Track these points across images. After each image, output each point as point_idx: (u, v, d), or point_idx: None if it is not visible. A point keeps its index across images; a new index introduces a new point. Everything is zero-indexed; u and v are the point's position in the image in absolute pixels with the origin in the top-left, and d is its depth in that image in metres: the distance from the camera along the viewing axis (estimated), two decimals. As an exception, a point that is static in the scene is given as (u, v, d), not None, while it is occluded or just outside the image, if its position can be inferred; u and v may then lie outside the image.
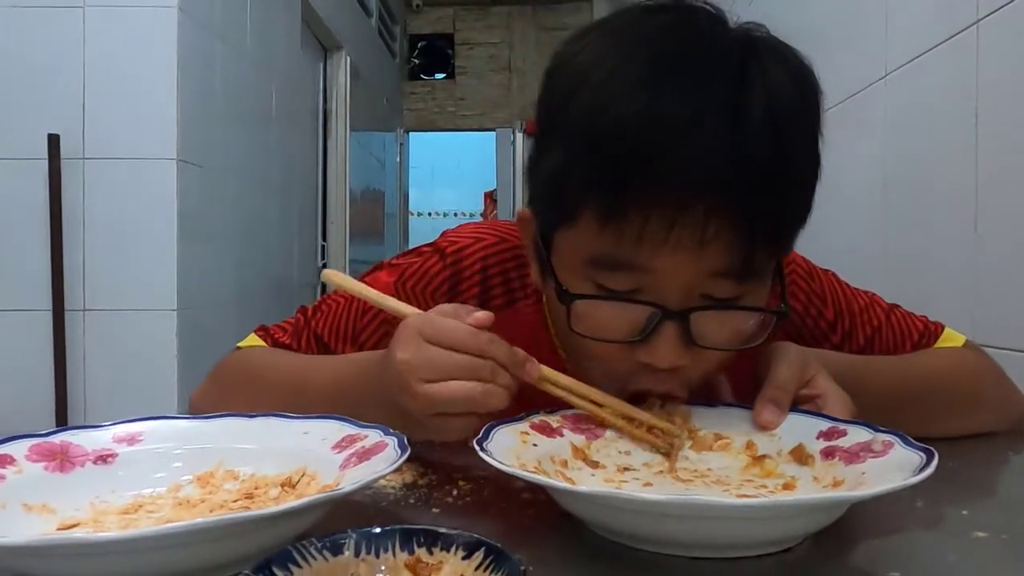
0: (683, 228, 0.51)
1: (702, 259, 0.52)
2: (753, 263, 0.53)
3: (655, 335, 0.54)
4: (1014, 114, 1.09)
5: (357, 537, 0.34)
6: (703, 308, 0.54)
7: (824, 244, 1.78)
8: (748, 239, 0.52)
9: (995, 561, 0.41)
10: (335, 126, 3.71)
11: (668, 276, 0.53)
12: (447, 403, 0.52)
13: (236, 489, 0.49)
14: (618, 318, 0.56)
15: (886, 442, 0.49)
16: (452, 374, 0.52)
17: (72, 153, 1.97)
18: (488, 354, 0.53)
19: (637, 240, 0.52)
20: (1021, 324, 1.08)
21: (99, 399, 1.99)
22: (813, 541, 0.44)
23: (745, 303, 0.56)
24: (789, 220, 0.56)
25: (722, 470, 0.55)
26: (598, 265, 0.55)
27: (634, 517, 0.42)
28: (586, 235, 0.55)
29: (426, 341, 0.53)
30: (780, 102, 0.53)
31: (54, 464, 0.48)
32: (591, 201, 0.54)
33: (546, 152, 0.58)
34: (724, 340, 0.56)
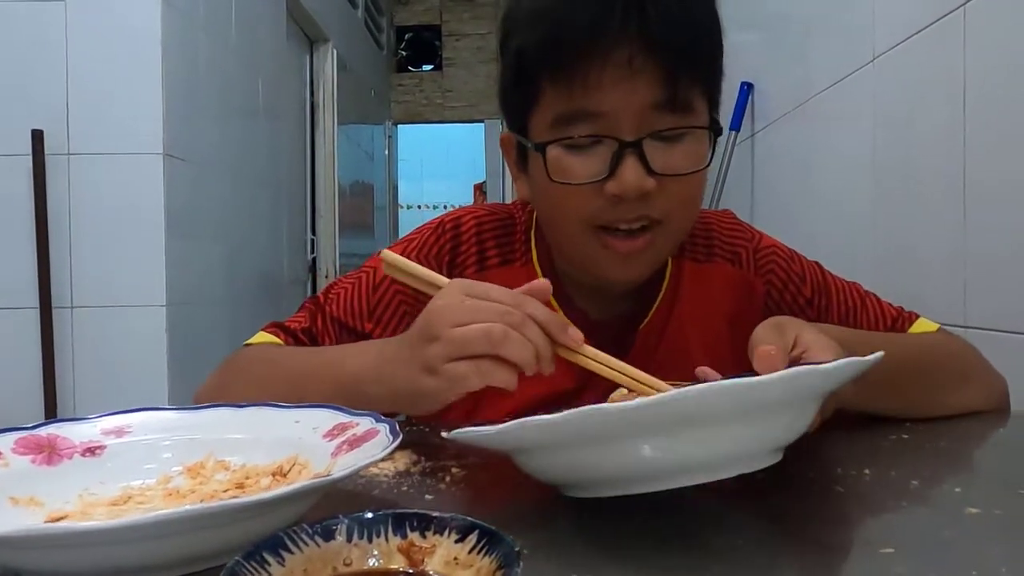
0: (614, 67, 0.64)
1: (637, 91, 0.65)
2: (679, 91, 0.65)
3: (618, 167, 0.65)
4: (1002, 97, 1.09)
5: (349, 522, 0.33)
6: (652, 135, 0.66)
7: (814, 229, 1.79)
8: (670, 68, 0.65)
9: (989, 536, 0.41)
10: (322, 119, 3.69)
11: (616, 114, 0.65)
12: (465, 342, 0.53)
13: (227, 479, 0.49)
14: (586, 162, 0.67)
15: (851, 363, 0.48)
16: (480, 318, 0.53)
17: (56, 149, 1.95)
18: (522, 307, 0.53)
19: (583, 87, 0.65)
20: (1011, 306, 1.09)
21: (88, 397, 1.98)
22: (805, 516, 0.44)
23: (688, 131, 0.67)
24: (698, 55, 0.67)
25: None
26: (561, 122, 0.67)
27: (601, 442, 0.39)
28: (547, 102, 0.68)
29: (464, 293, 0.55)
30: None
31: (41, 457, 0.47)
32: (542, 70, 0.67)
33: (504, 58, 0.72)
34: (677, 165, 0.67)
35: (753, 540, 0.42)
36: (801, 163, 1.86)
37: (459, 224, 0.80)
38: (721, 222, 0.83)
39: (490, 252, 0.79)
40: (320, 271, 3.65)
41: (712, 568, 0.38)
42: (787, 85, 1.96)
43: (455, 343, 0.53)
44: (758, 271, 0.80)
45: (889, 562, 0.38)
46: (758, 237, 0.83)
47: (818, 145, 1.79)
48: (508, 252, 0.80)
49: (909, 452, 0.59)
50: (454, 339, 0.53)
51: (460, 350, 0.53)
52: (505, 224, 0.81)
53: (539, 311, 0.54)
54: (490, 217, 0.81)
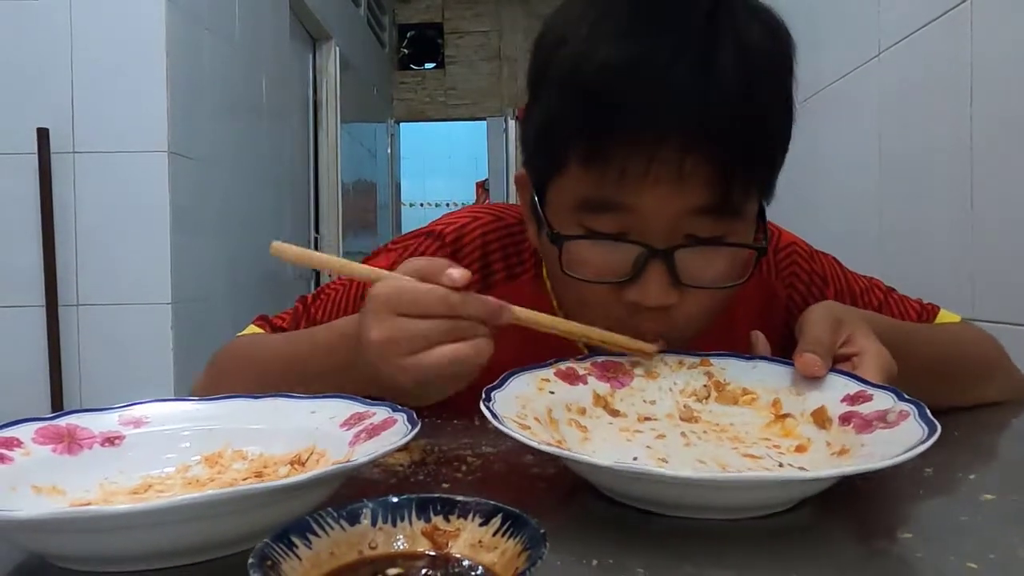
0: (660, 164, 0.54)
1: (681, 195, 0.55)
2: (730, 199, 0.56)
3: (642, 274, 0.57)
4: (1009, 90, 1.09)
5: (374, 506, 0.34)
6: (687, 245, 0.57)
7: (822, 223, 1.79)
8: (723, 175, 0.55)
9: (1006, 521, 0.42)
10: (325, 117, 3.69)
11: (651, 214, 0.56)
12: (437, 370, 0.51)
13: (245, 468, 0.49)
14: (607, 259, 0.58)
15: (903, 412, 0.48)
16: (434, 340, 0.51)
17: (62, 147, 1.95)
18: (464, 313, 0.51)
19: (619, 179, 0.55)
20: (1018, 299, 1.09)
21: (95, 395, 1.98)
22: (824, 506, 0.44)
23: (728, 242, 0.59)
24: (760, 156, 0.58)
25: (743, 426, 0.55)
26: (586, 208, 0.58)
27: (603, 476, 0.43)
28: (573, 180, 0.58)
29: (398, 315, 0.52)
30: (749, 46, 0.56)
31: (62, 446, 0.48)
32: (576, 146, 0.57)
33: (535, 106, 0.62)
34: (709, 277, 0.59)
35: (771, 528, 0.42)
36: (807, 158, 1.86)
37: (461, 237, 0.74)
38: None
39: (496, 267, 0.74)
40: (324, 270, 3.66)
41: (732, 554, 0.38)
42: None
43: (423, 370, 0.51)
44: (779, 275, 0.77)
45: (908, 547, 0.38)
46: (776, 235, 0.79)
47: (824, 140, 1.79)
48: (516, 264, 0.74)
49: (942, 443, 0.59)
50: (420, 367, 0.51)
51: (427, 377, 0.52)
52: (512, 233, 0.75)
53: (474, 308, 0.52)
54: (496, 225, 0.75)
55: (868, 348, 0.56)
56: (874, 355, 0.56)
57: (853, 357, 0.57)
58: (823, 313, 0.59)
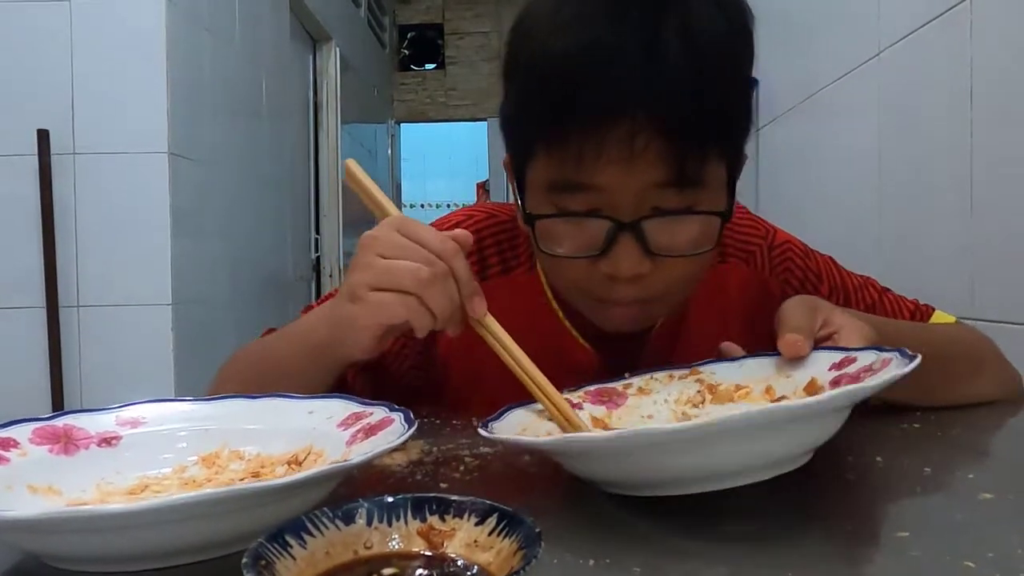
0: (612, 144, 0.57)
1: (637, 172, 0.58)
2: (687, 172, 0.58)
3: (613, 246, 0.60)
4: (1009, 90, 1.09)
5: (369, 506, 0.34)
6: (652, 216, 0.59)
7: (822, 222, 1.78)
8: (674, 150, 0.57)
9: (1004, 519, 0.41)
10: (326, 118, 3.69)
11: (614, 191, 0.59)
12: (388, 273, 0.54)
13: (242, 468, 0.49)
14: (579, 235, 0.61)
15: (885, 359, 0.49)
16: (405, 255, 0.54)
17: (62, 149, 1.96)
18: (448, 260, 0.54)
19: (578, 160, 0.58)
20: (1018, 298, 1.09)
21: (95, 396, 1.98)
22: (819, 504, 0.44)
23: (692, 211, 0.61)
24: (710, 130, 0.59)
25: None
26: (555, 189, 0.61)
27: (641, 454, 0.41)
28: (542, 164, 0.62)
29: (398, 231, 0.55)
30: (695, 27, 0.58)
31: (58, 447, 0.48)
32: (538, 132, 0.61)
33: (508, 96, 0.66)
34: (678, 246, 0.61)
35: (767, 526, 0.42)
36: (807, 158, 1.86)
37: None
38: (734, 218, 0.81)
39: (491, 260, 0.76)
40: (324, 270, 3.66)
41: (729, 554, 0.38)
42: (792, 80, 1.96)
43: (379, 272, 0.54)
44: (773, 271, 0.78)
45: (905, 545, 0.38)
46: (772, 233, 0.80)
47: (823, 140, 1.78)
48: (511, 258, 0.76)
49: (920, 440, 0.59)
50: (380, 268, 0.54)
51: (386, 280, 0.54)
52: (506, 228, 0.77)
53: (461, 269, 0.55)
54: (490, 222, 0.77)
55: (845, 323, 0.59)
56: (852, 328, 0.58)
57: (834, 335, 0.58)
58: (798, 302, 0.61)
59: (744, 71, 0.63)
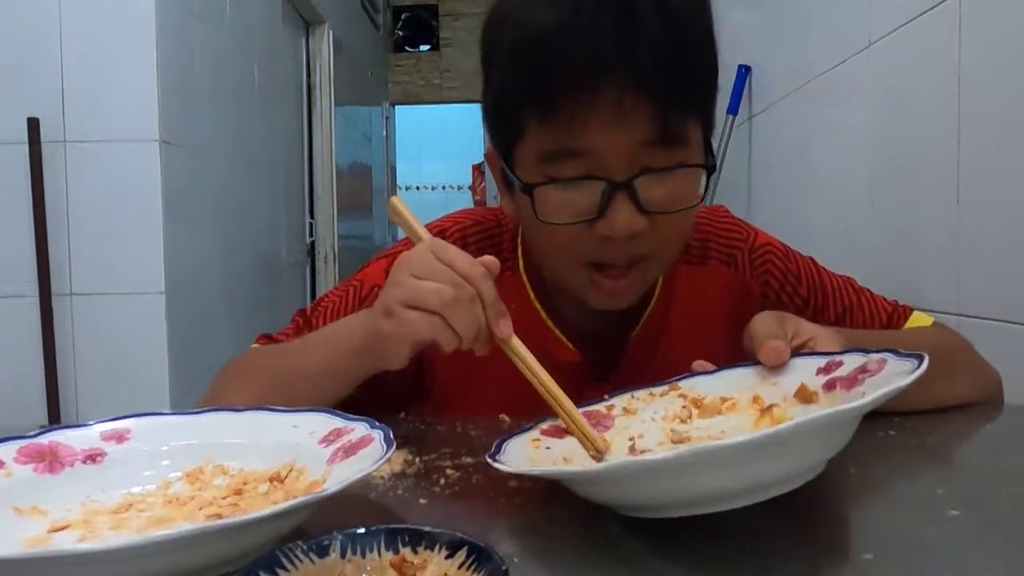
0: (602, 107, 0.61)
1: (626, 132, 0.62)
2: (671, 129, 0.62)
3: (609, 207, 0.63)
4: (996, 86, 1.09)
5: (343, 538, 0.35)
6: (644, 173, 0.63)
7: (812, 214, 1.79)
8: (659, 108, 0.61)
9: (968, 540, 0.42)
10: (319, 101, 3.67)
11: (605, 153, 0.62)
12: (417, 292, 0.56)
13: (225, 485, 0.50)
14: (575, 200, 0.64)
15: (880, 360, 0.50)
16: (434, 277, 0.57)
17: (52, 136, 1.95)
18: (475, 283, 0.56)
19: (569, 126, 0.62)
20: (1003, 295, 1.09)
21: (90, 384, 1.99)
22: (792, 526, 0.45)
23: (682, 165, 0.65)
24: (690, 89, 0.64)
25: (735, 429, 0.55)
26: (549, 159, 0.64)
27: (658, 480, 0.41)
28: (532, 139, 0.65)
29: (431, 252, 0.58)
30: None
31: (43, 465, 0.48)
32: (528, 106, 0.64)
33: (490, 81, 0.68)
34: (670, 201, 0.65)
35: (741, 548, 0.42)
36: (798, 147, 1.86)
37: (443, 236, 0.76)
38: (715, 222, 0.81)
39: None
40: (319, 254, 3.66)
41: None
42: (785, 68, 1.95)
43: (410, 290, 0.57)
44: (754, 272, 0.79)
45: (868, 569, 0.39)
46: (753, 235, 0.81)
47: (815, 129, 1.78)
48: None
49: (895, 449, 0.60)
50: (410, 287, 0.57)
51: (414, 299, 0.57)
52: (491, 233, 0.79)
53: (487, 291, 0.57)
54: (475, 228, 0.79)
55: (818, 332, 0.60)
56: (826, 335, 0.60)
57: (808, 342, 0.59)
58: (765, 317, 0.62)
59: (711, 32, 0.67)
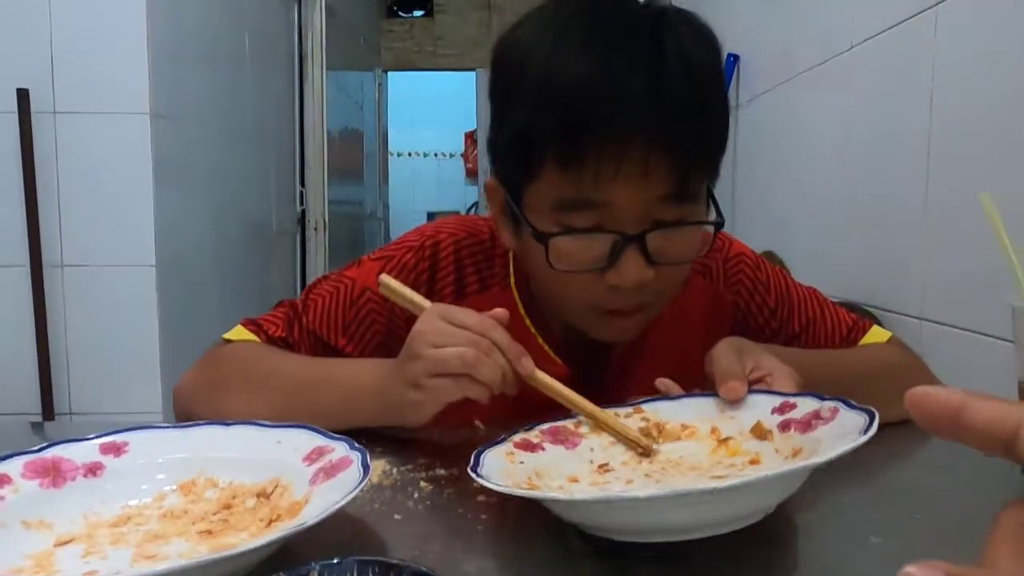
0: (629, 163, 0.63)
1: (648, 187, 0.64)
2: (688, 185, 0.66)
3: (620, 259, 0.66)
4: (967, 98, 1.12)
5: (320, 569, 0.39)
6: (657, 228, 0.66)
7: (790, 208, 1.83)
8: (680, 166, 0.64)
9: (881, 569, 0.47)
10: (311, 67, 3.64)
11: (623, 206, 0.65)
12: (442, 361, 0.61)
13: (215, 499, 0.54)
14: (587, 250, 0.67)
15: (832, 408, 0.55)
16: (452, 341, 0.61)
17: (42, 107, 1.95)
18: (488, 334, 0.61)
19: (594, 179, 0.64)
20: (963, 303, 1.14)
21: (81, 354, 2.03)
22: (720, 558, 0.49)
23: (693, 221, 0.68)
24: (710, 146, 0.68)
25: (693, 456, 0.60)
26: (563, 207, 0.66)
27: (627, 514, 0.46)
28: (550, 183, 0.66)
29: (441, 319, 0.63)
30: (690, 57, 0.65)
31: (47, 480, 0.52)
32: (551, 152, 0.65)
33: (507, 119, 0.69)
34: (677, 254, 0.68)
35: (672, 573, 0.47)
36: (780, 142, 1.89)
37: (437, 249, 0.81)
38: None
39: (469, 279, 0.81)
40: (309, 223, 3.67)
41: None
42: (771, 62, 1.97)
43: (434, 361, 0.61)
44: (727, 282, 0.83)
45: (789, 597, 0.44)
46: (728, 244, 0.85)
47: (796, 126, 1.81)
48: (488, 277, 0.81)
49: (837, 469, 0.64)
50: (433, 358, 0.61)
51: (439, 368, 0.61)
52: (484, 247, 0.82)
53: (502, 339, 0.62)
54: (469, 240, 0.82)
55: (775, 368, 0.64)
56: (783, 372, 0.64)
57: (765, 378, 0.64)
58: (726, 347, 0.66)
59: (725, 94, 0.71)
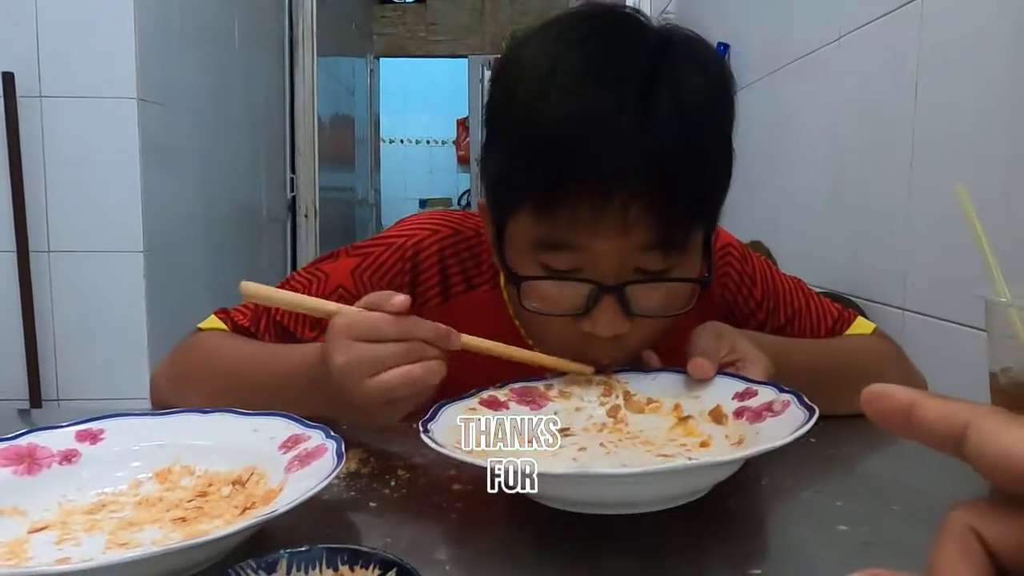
0: (608, 215, 0.59)
1: (627, 238, 0.61)
2: (674, 238, 0.62)
3: (595, 308, 0.62)
4: (951, 90, 1.13)
5: (289, 556, 0.39)
6: (636, 282, 0.62)
7: (779, 198, 1.83)
8: (666, 218, 0.60)
9: (845, 557, 0.48)
10: (302, 53, 3.62)
11: (601, 256, 0.61)
12: (393, 390, 0.57)
13: (191, 486, 0.54)
14: (563, 294, 0.64)
15: (784, 402, 0.56)
16: (389, 363, 0.57)
17: (28, 92, 1.94)
18: (414, 336, 0.57)
19: (570, 226, 0.60)
20: (945, 294, 1.15)
21: (68, 341, 2.02)
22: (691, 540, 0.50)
23: (675, 274, 0.64)
24: (699, 199, 0.63)
25: (652, 430, 0.62)
26: (541, 247, 0.63)
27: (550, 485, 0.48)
28: (528, 224, 0.63)
29: (356, 340, 0.57)
30: (687, 98, 0.60)
31: (22, 467, 0.53)
32: (528, 194, 0.62)
33: (492, 153, 0.67)
34: (658, 307, 0.65)
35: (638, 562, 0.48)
36: (769, 131, 1.89)
37: (419, 251, 0.78)
38: None
39: (454, 279, 0.78)
40: (300, 210, 3.66)
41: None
42: (760, 51, 1.97)
43: (379, 391, 0.56)
44: (715, 273, 0.82)
45: (754, 585, 0.45)
46: (715, 236, 0.83)
47: (785, 115, 1.82)
48: (474, 276, 0.78)
49: (810, 459, 0.65)
50: (377, 388, 0.56)
51: (387, 396, 0.57)
52: (471, 245, 0.79)
53: (424, 331, 0.58)
54: (455, 238, 0.79)
55: (748, 353, 0.64)
56: (755, 359, 0.64)
57: (737, 362, 0.65)
58: (706, 329, 0.66)
59: (728, 138, 0.65)
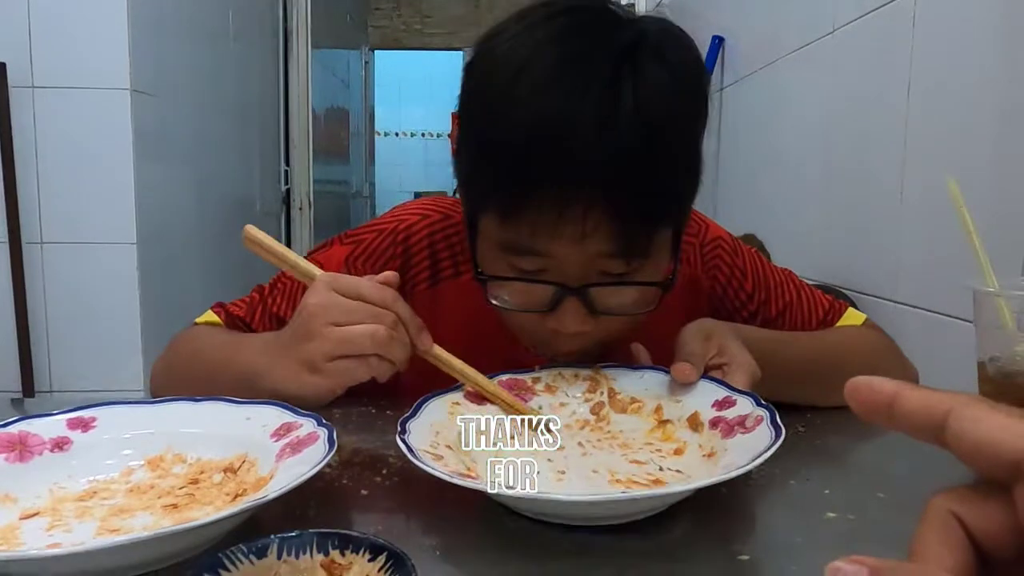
0: (567, 223, 0.59)
1: (588, 246, 0.61)
2: (635, 246, 0.62)
3: (559, 307, 0.64)
4: (943, 86, 1.13)
5: (279, 541, 0.40)
6: (599, 284, 0.63)
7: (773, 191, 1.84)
8: (626, 226, 0.60)
9: (833, 544, 0.49)
10: (296, 46, 3.61)
11: (564, 260, 0.62)
12: (349, 341, 0.58)
13: (183, 474, 0.55)
14: (528, 293, 0.65)
15: (758, 417, 0.56)
16: (357, 318, 0.58)
17: (20, 82, 1.93)
18: (392, 308, 0.59)
19: (532, 233, 0.61)
20: (936, 287, 1.16)
21: (61, 332, 2.02)
22: (683, 526, 0.51)
23: (640, 275, 0.65)
24: (663, 204, 0.63)
25: (631, 432, 0.63)
26: (507, 249, 0.64)
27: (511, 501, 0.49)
28: (494, 225, 0.64)
29: (335, 291, 0.59)
30: (650, 102, 0.59)
31: (14, 455, 0.53)
32: (492, 202, 0.63)
33: (462, 149, 0.66)
34: (623, 306, 0.65)
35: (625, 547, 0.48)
36: (764, 124, 1.89)
37: (410, 235, 0.79)
38: None
39: (443, 264, 0.79)
40: (294, 203, 3.65)
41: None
42: (755, 44, 1.97)
43: (337, 342, 0.57)
44: (704, 267, 0.83)
45: (741, 570, 0.45)
46: (704, 228, 0.85)
47: (779, 108, 1.82)
48: (462, 261, 0.79)
49: (799, 448, 0.66)
50: (336, 338, 0.57)
51: (345, 349, 0.58)
52: (459, 230, 0.79)
53: (402, 309, 0.60)
54: (445, 223, 0.80)
55: (736, 357, 0.65)
56: (740, 364, 0.64)
57: (724, 366, 0.65)
58: (696, 328, 0.67)
59: (697, 139, 0.65)
